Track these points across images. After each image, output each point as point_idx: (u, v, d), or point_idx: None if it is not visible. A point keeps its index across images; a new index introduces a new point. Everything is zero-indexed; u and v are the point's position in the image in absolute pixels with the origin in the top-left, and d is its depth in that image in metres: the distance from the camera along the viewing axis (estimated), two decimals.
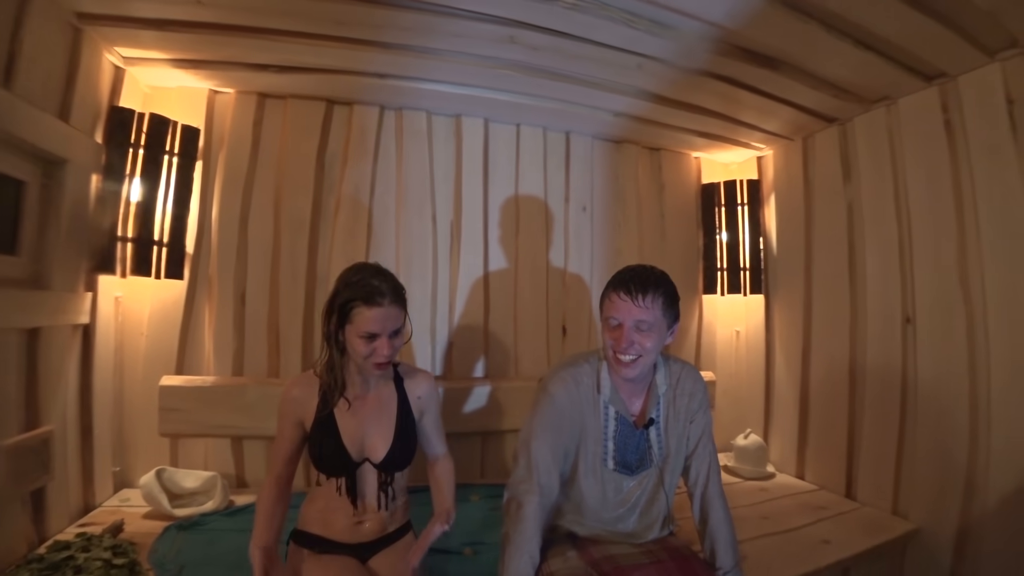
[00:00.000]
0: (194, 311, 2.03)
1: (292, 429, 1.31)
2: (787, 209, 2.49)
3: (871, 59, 1.71)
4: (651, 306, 1.25)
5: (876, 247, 2.06)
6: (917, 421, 1.90)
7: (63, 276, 1.62)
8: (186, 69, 1.89)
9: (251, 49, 1.79)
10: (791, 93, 1.99)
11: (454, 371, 2.30)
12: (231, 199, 2.06)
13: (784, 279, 2.51)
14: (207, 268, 2.04)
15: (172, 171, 1.92)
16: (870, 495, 2.04)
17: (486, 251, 2.37)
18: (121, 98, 1.85)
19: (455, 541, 1.67)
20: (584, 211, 2.55)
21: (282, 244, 2.11)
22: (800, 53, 1.76)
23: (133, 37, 1.69)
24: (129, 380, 1.94)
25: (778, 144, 2.51)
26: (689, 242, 2.73)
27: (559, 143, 2.52)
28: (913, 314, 1.93)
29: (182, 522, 1.68)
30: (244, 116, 2.08)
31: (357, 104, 2.21)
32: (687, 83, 1.96)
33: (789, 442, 2.42)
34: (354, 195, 2.19)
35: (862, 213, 2.11)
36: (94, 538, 1.48)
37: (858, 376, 2.12)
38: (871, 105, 2.03)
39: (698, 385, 1.43)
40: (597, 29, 1.66)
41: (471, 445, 2.28)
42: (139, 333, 1.96)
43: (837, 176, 2.22)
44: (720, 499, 1.40)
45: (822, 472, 2.26)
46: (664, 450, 1.40)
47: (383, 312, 1.22)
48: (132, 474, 1.90)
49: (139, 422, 1.93)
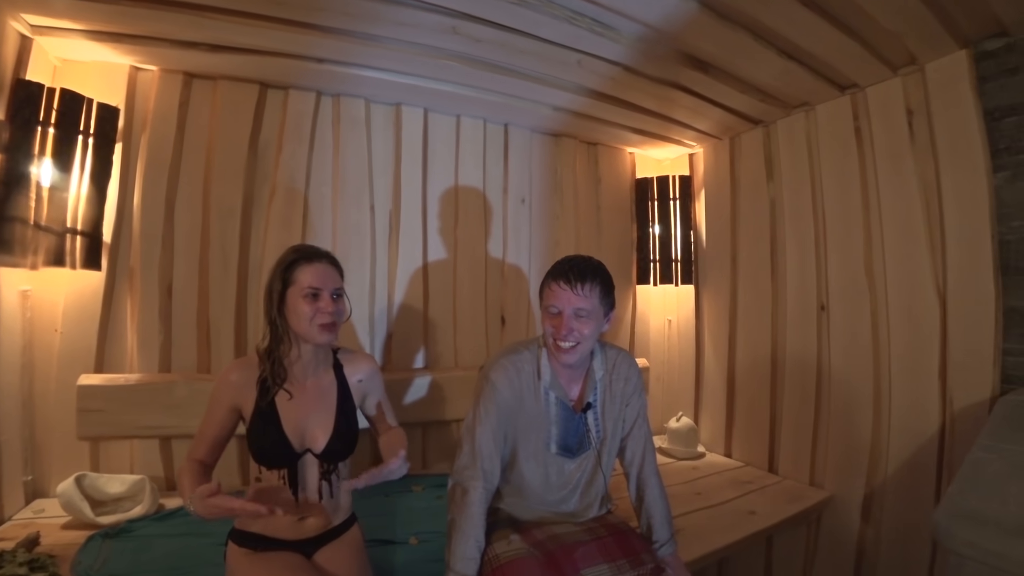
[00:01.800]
0: (114, 304, 1.89)
1: (225, 414, 1.26)
2: (715, 204, 2.65)
3: (793, 68, 1.85)
4: (589, 294, 1.31)
5: (795, 241, 2.24)
6: (831, 400, 2.09)
7: None
8: (103, 42, 1.74)
9: (178, 25, 1.67)
10: (721, 95, 2.11)
11: (394, 362, 2.28)
12: (155, 185, 1.92)
13: (712, 270, 2.67)
14: (128, 258, 1.90)
15: (88, 153, 1.76)
16: (790, 469, 2.24)
17: (425, 242, 2.36)
18: (27, 71, 1.68)
19: (400, 531, 1.68)
20: (523, 203, 2.58)
21: (212, 233, 2.00)
22: (730, 59, 1.87)
23: (41, 3, 1.54)
24: (41, 380, 1.77)
25: (708, 143, 2.65)
26: (624, 234, 2.84)
27: (498, 135, 2.54)
28: (827, 302, 2.11)
29: (108, 530, 1.57)
30: (169, 96, 1.94)
31: (293, 89, 2.12)
32: (625, 81, 2.03)
33: (717, 424, 2.60)
34: (289, 183, 2.11)
35: (783, 209, 2.29)
36: (6, 554, 1.36)
37: (779, 360, 2.30)
38: (792, 110, 2.20)
39: (633, 370, 1.50)
40: (540, 25, 1.69)
41: (412, 436, 2.26)
42: (52, 329, 1.79)
43: (761, 174, 2.39)
44: (655, 477, 1.48)
45: (747, 450, 2.45)
46: (601, 433, 1.46)
47: (323, 267, 1.27)
48: (47, 482, 1.76)
49: (54, 426, 1.77)
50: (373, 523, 1.65)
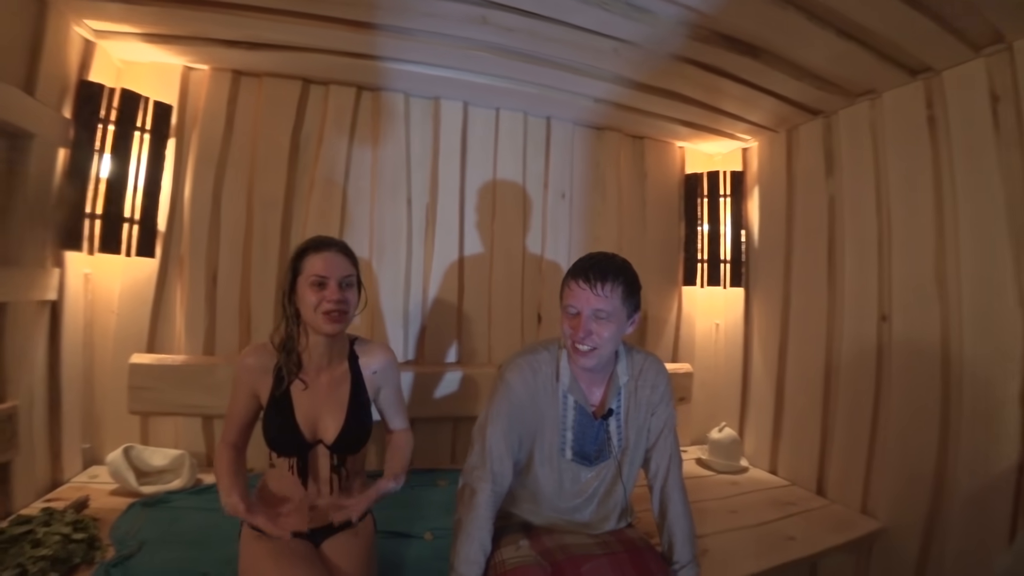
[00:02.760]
0: (166, 289, 2.03)
1: (247, 399, 1.30)
2: (770, 202, 2.46)
3: (854, 50, 1.67)
4: (610, 295, 1.23)
5: (855, 243, 2.03)
6: (890, 420, 1.88)
7: (30, 252, 1.62)
8: (158, 44, 1.86)
9: (221, 24, 1.76)
10: (774, 83, 1.95)
11: (426, 356, 2.29)
12: (204, 177, 2.04)
13: (764, 273, 2.48)
14: (179, 247, 2.03)
15: (143, 148, 1.89)
16: (840, 492, 2.04)
17: (461, 236, 2.36)
18: (92, 72, 1.82)
19: (417, 525, 1.68)
20: (563, 198, 2.52)
21: (254, 224, 2.09)
22: (781, 41, 1.72)
23: (100, 9, 1.65)
24: (99, 357, 1.94)
25: (763, 136, 2.47)
26: (670, 232, 2.70)
27: (539, 128, 2.48)
28: (889, 312, 1.90)
29: (147, 499, 1.69)
30: (218, 93, 2.05)
31: (334, 84, 2.18)
32: (667, 70, 1.92)
33: (764, 437, 2.42)
34: (328, 176, 2.17)
35: (843, 208, 2.08)
36: (56, 513, 1.49)
37: (833, 373, 2.11)
38: (855, 98, 1.99)
39: (661, 377, 1.42)
40: (571, 11, 1.62)
41: (442, 430, 2.29)
42: (110, 311, 1.95)
43: (820, 169, 2.18)
44: (679, 492, 1.39)
45: (794, 468, 2.26)
46: (623, 442, 1.39)
47: (331, 256, 1.27)
48: (102, 451, 1.91)
49: (109, 400, 1.93)
50: (391, 515, 1.66)
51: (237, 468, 1.27)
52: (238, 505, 1.15)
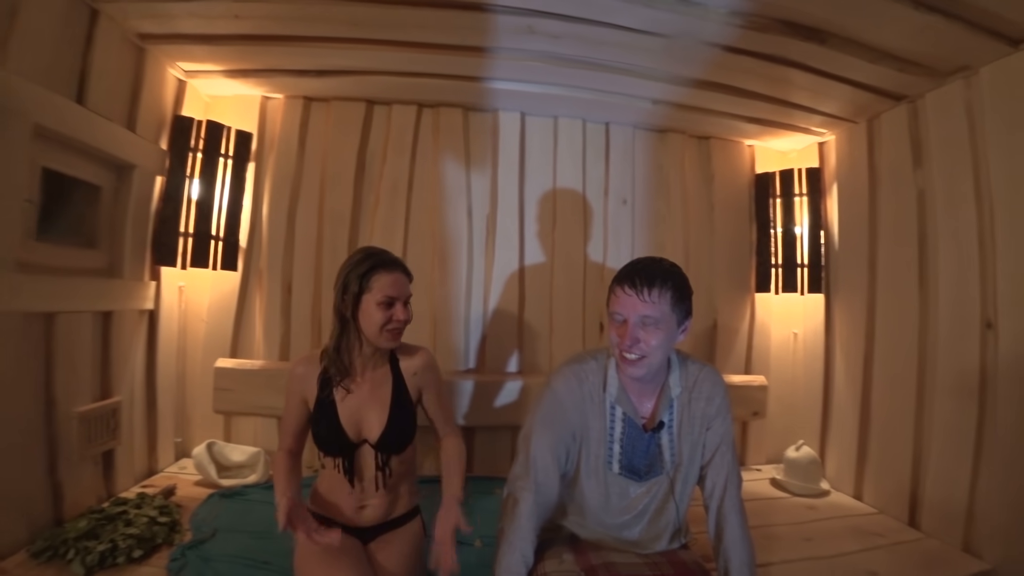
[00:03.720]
0: (247, 300, 2.22)
1: (298, 405, 1.39)
2: (851, 199, 2.24)
3: (937, 23, 1.48)
4: (657, 301, 1.18)
5: (951, 241, 1.79)
6: (997, 444, 1.63)
7: (132, 267, 1.85)
8: (238, 78, 2.06)
9: (291, 56, 1.93)
10: (846, 69, 1.78)
11: (487, 365, 2.32)
12: (280, 196, 2.22)
13: (847, 277, 2.25)
14: (258, 260, 2.22)
15: (227, 172, 2.11)
16: (937, 525, 1.79)
17: (522, 245, 2.37)
18: (184, 107, 2.06)
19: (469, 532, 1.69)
20: (624, 204, 2.46)
21: (325, 238, 2.24)
22: (849, 22, 1.57)
23: (188, 52, 1.88)
24: (190, 361, 2.17)
25: (840, 128, 2.25)
26: (740, 236, 2.55)
27: (598, 134, 2.46)
28: (995, 318, 1.65)
29: (225, 491, 1.85)
30: (292, 119, 2.24)
31: (396, 103, 2.30)
32: (725, 64, 1.83)
33: (847, 457, 2.18)
34: (392, 191, 2.28)
35: (935, 202, 1.84)
36: (147, 497, 1.68)
37: (927, 387, 1.86)
38: (945, 78, 1.76)
39: (717, 389, 1.33)
40: (615, 12, 1.60)
41: (501, 439, 2.29)
42: (199, 319, 2.18)
43: (906, 161, 1.95)
44: (737, 515, 1.29)
45: (882, 494, 2.01)
46: (676, 457, 1.31)
47: (400, 277, 1.35)
48: (191, 445, 2.12)
49: (198, 399, 2.15)
50: None
51: (291, 473, 1.35)
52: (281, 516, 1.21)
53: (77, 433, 1.59)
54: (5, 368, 1.35)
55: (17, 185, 1.39)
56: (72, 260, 1.65)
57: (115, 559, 1.35)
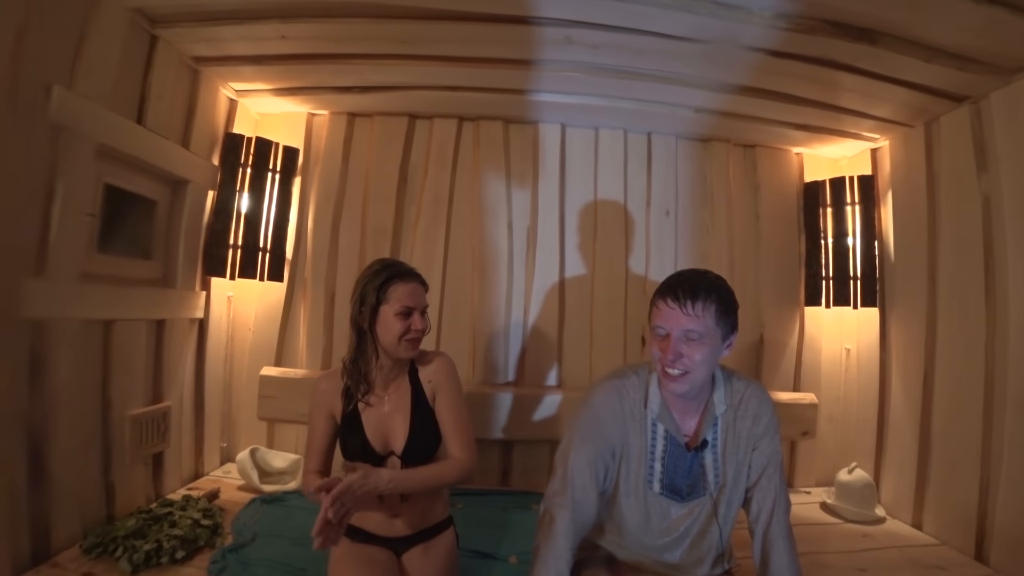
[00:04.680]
0: (292, 310, 2.28)
1: (325, 422, 1.39)
2: (907, 207, 2.11)
3: (1002, 16, 1.39)
4: (701, 314, 1.14)
5: (1021, 251, 1.66)
6: None
7: (184, 277, 1.94)
8: (285, 96, 2.15)
9: (335, 73, 1.99)
10: (900, 70, 1.70)
11: (526, 378, 2.31)
12: (324, 210, 2.28)
13: (903, 289, 2.12)
14: (303, 271, 2.28)
15: (274, 186, 2.19)
16: (1007, 561, 1.63)
17: (562, 257, 2.36)
18: (235, 125, 2.16)
19: (504, 547, 1.67)
20: (667, 215, 2.42)
21: (367, 250, 2.29)
22: (902, 19, 1.49)
23: (239, 73, 1.97)
24: (237, 369, 2.24)
25: (895, 132, 2.14)
26: (789, 247, 2.45)
27: (640, 145, 2.43)
28: None
29: (267, 496, 1.89)
30: (336, 134, 2.31)
31: (437, 117, 2.34)
32: (769, 69, 1.77)
33: (905, 482, 2.03)
34: (433, 204, 2.31)
35: (1003, 209, 1.71)
36: (192, 500, 1.74)
37: (996, 407, 1.72)
38: (1011, 75, 1.64)
39: (764, 407, 1.27)
40: (653, 19, 1.58)
41: (539, 453, 2.27)
42: (247, 328, 2.26)
43: (970, 166, 1.83)
44: (785, 540, 1.21)
45: (945, 523, 1.86)
46: (720, 478, 1.25)
47: (416, 287, 1.34)
48: (236, 450, 2.18)
49: (244, 406, 2.22)
50: (479, 534, 1.67)
51: None
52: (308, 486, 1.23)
53: (130, 435, 1.67)
54: (67, 372, 1.43)
55: (81, 200, 1.48)
56: (129, 270, 1.74)
57: (159, 559, 1.40)
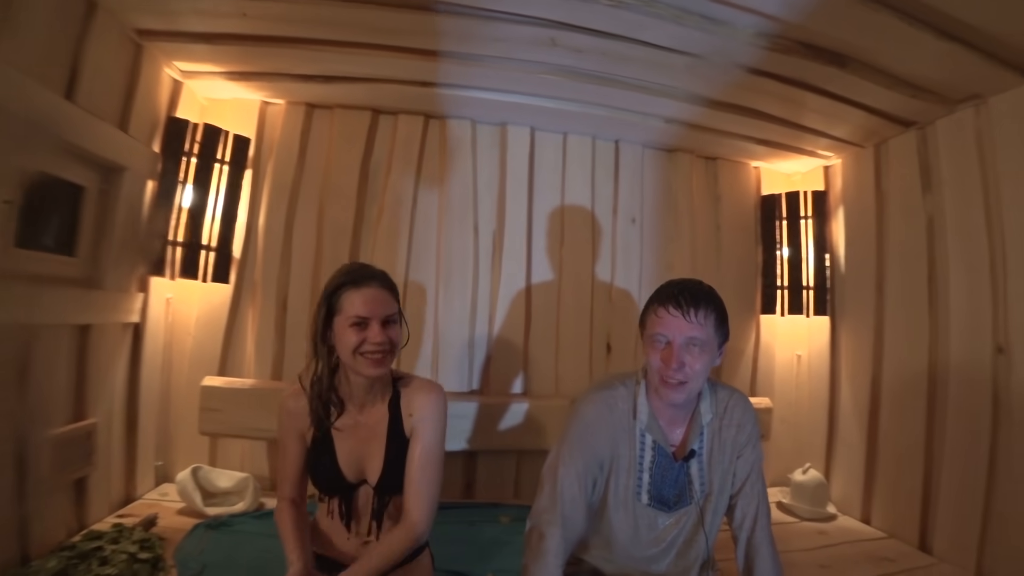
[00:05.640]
0: (238, 315, 2.09)
1: (296, 444, 1.26)
2: (857, 223, 2.26)
3: (956, 51, 1.51)
4: (703, 322, 1.14)
5: (962, 266, 1.81)
6: (1012, 467, 1.63)
7: (117, 277, 1.71)
8: (238, 81, 1.96)
9: (297, 60, 1.84)
10: (861, 94, 1.80)
11: (492, 386, 2.24)
12: (277, 206, 2.11)
13: (853, 300, 2.27)
14: (252, 273, 2.10)
15: (222, 179, 1.99)
16: (949, 550, 1.77)
17: (529, 263, 2.31)
18: (179, 109, 1.94)
19: (478, 565, 1.60)
20: (633, 223, 2.44)
21: (324, 250, 2.14)
22: (871, 47, 1.59)
23: (188, 51, 1.77)
24: (175, 378, 2.02)
25: (847, 152, 2.29)
26: (746, 257, 2.55)
27: (608, 152, 2.43)
28: (1007, 343, 1.67)
29: (212, 521, 1.70)
30: (293, 126, 2.14)
31: (402, 113, 2.23)
32: (743, 85, 1.83)
33: (854, 481, 2.17)
34: (396, 204, 2.20)
35: (945, 228, 1.87)
36: (125, 530, 1.52)
37: (938, 410, 1.86)
38: (956, 105, 1.80)
39: (748, 416, 1.29)
40: (643, 28, 1.57)
41: (505, 463, 2.21)
42: (187, 334, 2.03)
43: (915, 186, 1.98)
44: (769, 546, 1.24)
45: (891, 518, 2.00)
46: (706, 487, 1.26)
47: (372, 292, 1.16)
48: (174, 469, 1.96)
49: (182, 420, 1.99)
50: (451, 551, 1.59)
51: (298, 528, 1.20)
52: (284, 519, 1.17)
53: (49, 459, 1.43)
54: None
55: None
56: (52, 268, 1.50)
57: None
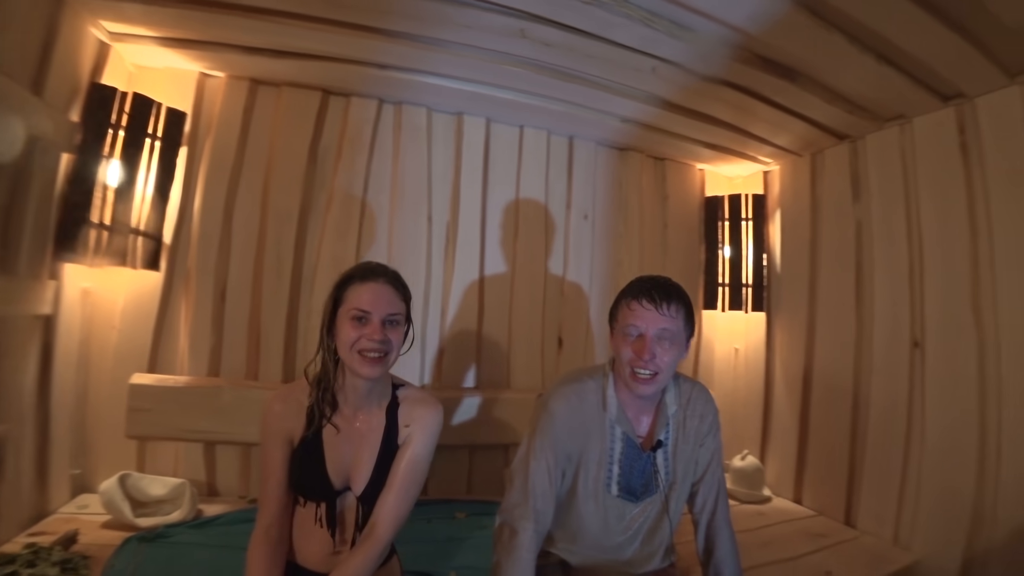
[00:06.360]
0: (170, 306, 1.90)
1: (281, 450, 1.16)
2: (793, 226, 2.44)
3: (891, 75, 1.66)
4: (675, 315, 1.19)
5: (885, 268, 2.01)
6: (924, 449, 1.83)
7: (26, 262, 1.49)
8: (175, 48, 1.77)
9: (244, 30, 1.69)
10: (806, 107, 1.94)
11: (444, 380, 2.20)
12: (216, 188, 1.94)
13: (787, 298, 2.45)
14: (186, 260, 1.92)
15: (154, 155, 1.79)
16: (871, 523, 1.97)
17: (482, 255, 2.29)
18: (104, 75, 1.72)
19: (440, 563, 1.57)
20: (585, 219, 2.47)
21: (268, 239, 1.99)
22: (820, 65, 1.71)
23: (118, 10, 1.57)
24: (95, 377, 1.80)
25: (785, 159, 2.46)
26: (691, 255, 2.67)
27: (562, 147, 2.45)
28: (922, 338, 1.87)
29: (144, 533, 1.54)
30: (234, 102, 1.97)
31: (355, 96, 2.12)
32: (701, 91, 1.90)
33: (787, 465, 2.35)
34: (347, 191, 2.09)
35: (872, 233, 2.06)
36: (42, 551, 1.34)
37: (862, 399, 2.06)
38: (884, 123, 1.98)
39: (709, 406, 1.37)
40: (614, 27, 1.59)
41: (458, 458, 2.18)
42: (110, 327, 1.82)
43: (846, 194, 2.17)
44: (728, 528, 1.33)
45: (820, 498, 2.19)
46: (671, 475, 1.31)
47: (377, 287, 1.13)
48: (93, 478, 1.75)
49: (104, 422, 1.78)
50: (412, 551, 1.54)
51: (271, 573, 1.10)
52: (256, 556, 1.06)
53: None
54: None
55: None
56: None
57: None
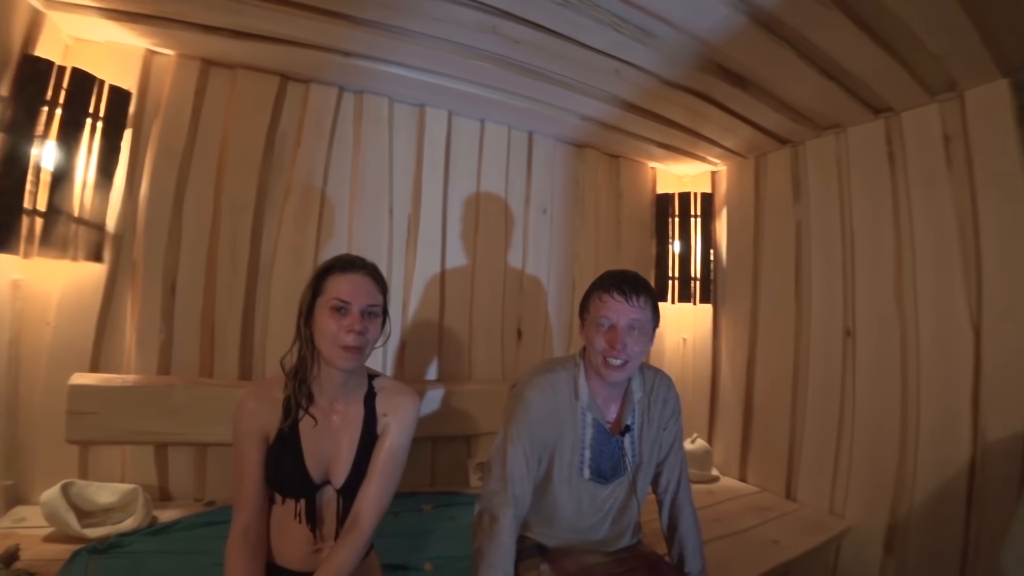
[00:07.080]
0: (114, 300, 1.77)
1: (257, 449, 1.13)
2: (738, 223, 2.61)
3: (831, 88, 1.82)
4: (644, 307, 1.26)
5: (821, 264, 2.20)
6: (854, 427, 2.04)
7: None
8: (119, 21, 1.64)
9: (199, 6, 1.60)
10: (754, 113, 2.08)
11: (406, 372, 2.19)
12: (164, 175, 1.82)
13: (732, 290, 2.62)
14: (131, 251, 1.79)
15: (95, 137, 1.65)
16: (809, 496, 2.17)
17: (444, 248, 2.29)
18: (37, 47, 1.57)
19: (414, 555, 1.57)
20: (544, 214, 2.52)
21: (222, 228, 1.90)
22: (769, 75, 1.84)
23: None
24: (28, 377, 1.64)
25: (732, 160, 2.62)
26: (643, 250, 2.79)
27: (522, 143, 2.48)
28: (853, 328, 2.07)
29: (96, 544, 1.43)
30: (185, 83, 1.85)
31: (314, 83, 2.05)
32: (660, 94, 1.99)
33: (732, 447, 2.53)
34: (306, 180, 2.02)
35: (809, 231, 2.25)
36: None
37: (800, 385, 2.25)
38: (823, 131, 2.17)
39: (671, 392, 1.44)
40: (583, 29, 1.63)
41: (421, 451, 2.18)
42: (44, 323, 1.66)
43: (787, 195, 2.35)
44: (689, 506, 1.42)
45: (763, 475, 2.38)
46: (637, 458, 1.39)
47: (357, 278, 1.14)
48: (30, 489, 1.61)
49: (40, 427, 1.64)
50: (385, 544, 1.53)
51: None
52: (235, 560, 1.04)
53: None
54: None
55: None
56: None
57: None
